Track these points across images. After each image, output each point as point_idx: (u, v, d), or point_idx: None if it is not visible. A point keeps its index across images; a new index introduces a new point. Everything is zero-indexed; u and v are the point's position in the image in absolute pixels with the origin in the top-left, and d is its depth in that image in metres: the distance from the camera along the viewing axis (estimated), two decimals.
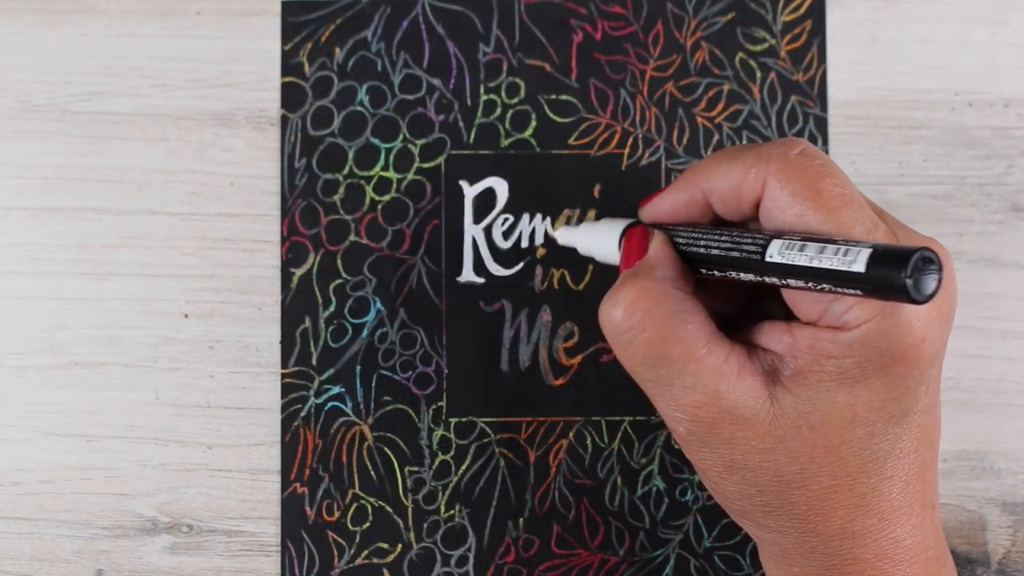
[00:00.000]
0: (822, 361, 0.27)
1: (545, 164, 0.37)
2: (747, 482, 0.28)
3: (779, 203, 0.27)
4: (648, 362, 0.28)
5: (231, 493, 0.37)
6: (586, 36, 0.38)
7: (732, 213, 0.29)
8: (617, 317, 0.28)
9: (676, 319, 0.28)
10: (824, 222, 0.26)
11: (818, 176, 0.27)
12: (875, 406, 0.27)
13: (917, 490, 0.28)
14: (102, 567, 0.37)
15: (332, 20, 0.38)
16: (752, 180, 0.27)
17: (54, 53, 0.38)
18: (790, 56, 0.38)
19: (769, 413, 0.27)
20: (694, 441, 0.28)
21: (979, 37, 0.38)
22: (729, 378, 0.27)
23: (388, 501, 0.37)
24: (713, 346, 0.28)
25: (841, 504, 0.28)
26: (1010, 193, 0.38)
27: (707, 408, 0.27)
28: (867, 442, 0.27)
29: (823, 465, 0.27)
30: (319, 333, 0.37)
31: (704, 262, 0.29)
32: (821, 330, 0.27)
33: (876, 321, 0.26)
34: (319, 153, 0.37)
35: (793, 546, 0.29)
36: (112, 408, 0.37)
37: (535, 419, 0.37)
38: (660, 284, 0.28)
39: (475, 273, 0.37)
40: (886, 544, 0.28)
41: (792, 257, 0.26)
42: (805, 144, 0.27)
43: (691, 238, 0.29)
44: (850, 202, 0.26)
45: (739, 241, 0.27)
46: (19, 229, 0.38)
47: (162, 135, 0.38)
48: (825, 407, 0.27)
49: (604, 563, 0.37)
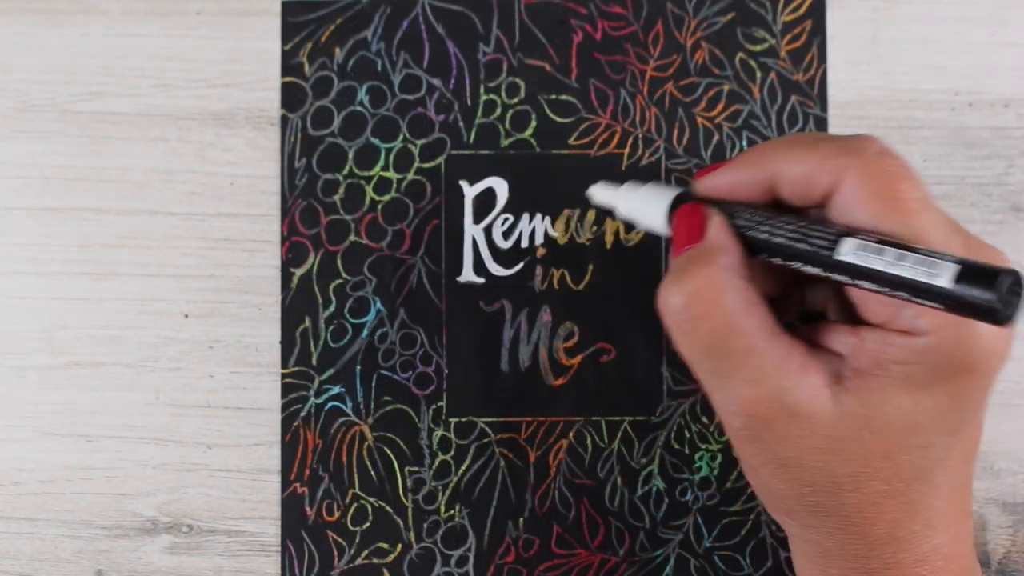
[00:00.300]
0: (888, 365, 0.26)
1: (545, 164, 0.37)
2: (799, 481, 0.28)
3: (856, 199, 0.26)
4: (708, 353, 0.27)
5: (231, 493, 0.37)
6: (586, 36, 0.38)
7: (798, 200, 0.28)
8: (679, 304, 0.27)
9: (740, 310, 0.27)
10: (900, 225, 0.25)
11: (899, 177, 0.26)
12: (936, 415, 0.26)
13: (960, 498, 0.28)
14: (102, 567, 0.37)
15: (332, 20, 0.38)
16: (828, 171, 0.27)
17: (54, 53, 0.38)
18: (790, 56, 0.38)
19: (829, 414, 0.27)
20: (747, 436, 0.28)
21: (979, 37, 0.38)
22: (791, 374, 0.27)
23: (388, 501, 0.37)
24: (775, 340, 0.27)
25: (890, 510, 0.27)
26: (1010, 193, 0.38)
27: (766, 404, 0.27)
28: (925, 450, 0.27)
29: (879, 470, 0.27)
30: (319, 333, 0.37)
31: (764, 248, 0.28)
32: (890, 334, 0.26)
33: (950, 329, 0.25)
34: (319, 153, 0.37)
35: (835, 548, 0.28)
36: (112, 408, 0.37)
37: (535, 419, 0.37)
38: (724, 272, 0.27)
39: (475, 273, 0.37)
40: (928, 550, 0.28)
41: (867, 259, 0.25)
42: (884, 143, 0.27)
43: (753, 221, 0.28)
44: (928, 208, 0.26)
45: (808, 232, 0.26)
46: (19, 229, 0.38)
47: (162, 135, 0.38)
48: (888, 412, 0.26)
49: (604, 563, 0.37)
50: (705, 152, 0.37)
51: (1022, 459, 0.37)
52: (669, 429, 0.37)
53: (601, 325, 0.37)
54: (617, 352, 0.37)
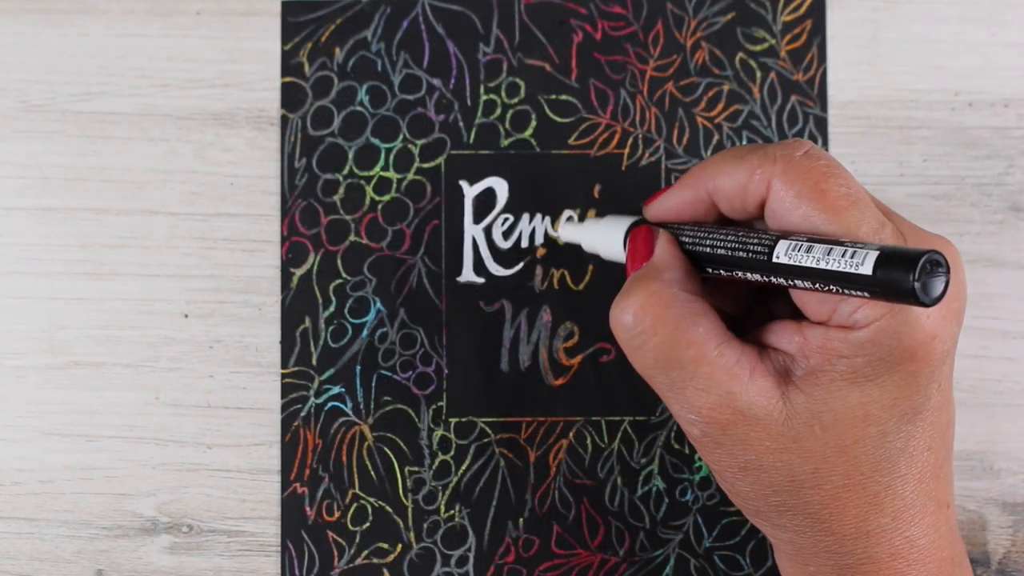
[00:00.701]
0: (833, 360, 0.27)
1: (545, 164, 0.37)
2: (761, 482, 0.28)
3: (784, 204, 0.27)
4: (660, 366, 0.28)
5: (231, 493, 0.37)
6: (586, 36, 0.38)
7: (737, 213, 0.29)
8: (627, 322, 0.28)
9: (686, 322, 0.28)
10: (830, 222, 0.26)
11: (823, 176, 0.27)
12: (887, 404, 0.27)
13: (931, 488, 0.28)
14: (102, 567, 0.37)
15: (332, 20, 0.38)
16: (757, 181, 0.28)
17: (54, 53, 0.38)
18: (790, 56, 0.38)
19: (782, 413, 0.27)
20: (708, 443, 0.28)
21: (979, 37, 0.38)
22: (741, 379, 0.27)
23: (388, 501, 0.37)
24: (724, 348, 0.28)
25: (855, 503, 0.28)
26: (1010, 193, 0.38)
27: (720, 409, 0.27)
28: (880, 440, 0.27)
29: (836, 464, 0.27)
30: (319, 333, 0.37)
31: (710, 262, 0.29)
32: (831, 330, 0.27)
33: (886, 319, 0.26)
34: (319, 153, 0.37)
35: (808, 545, 0.29)
36: (112, 408, 0.37)
37: (535, 419, 0.37)
38: (668, 287, 0.28)
39: (475, 273, 0.37)
40: (900, 543, 0.28)
41: (799, 258, 0.26)
42: (810, 145, 0.27)
43: (696, 237, 0.29)
44: (856, 202, 0.26)
45: (745, 241, 0.27)
46: (19, 229, 0.38)
47: (162, 135, 0.38)
48: (837, 406, 0.27)
49: (604, 563, 0.37)
50: (705, 152, 0.37)
51: (1022, 459, 0.37)
52: (669, 429, 0.37)
53: (601, 325, 0.37)
54: (617, 352, 0.37)
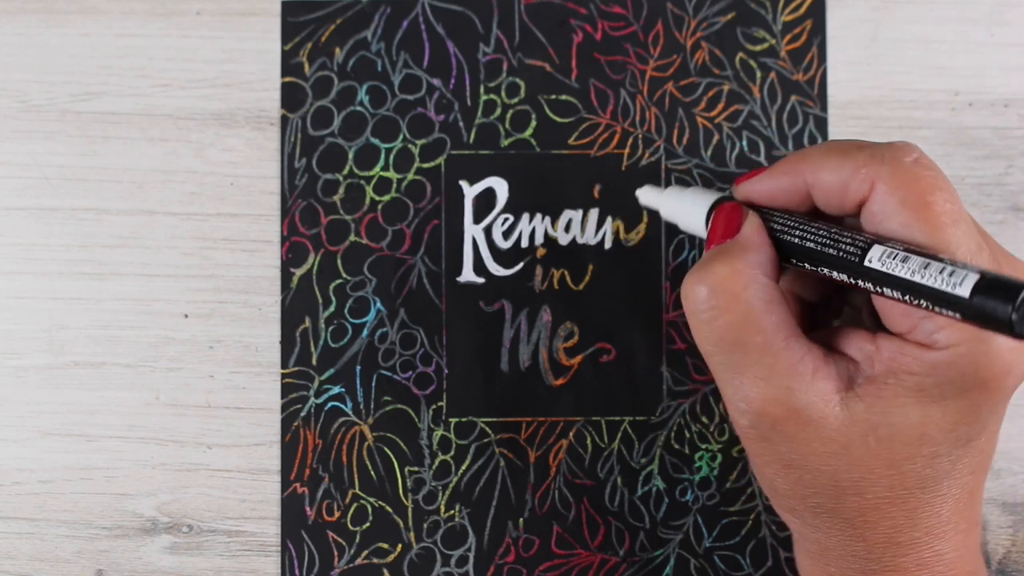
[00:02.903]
0: (902, 375, 0.26)
1: (545, 164, 0.37)
2: (803, 483, 0.28)
3: (886, 208, 0.26)
4: (724, 345, 0.28)
5: (231, 493, 0.37)
6: (586, 36, 0.38)
7: (833, 208, 0.28)
8: (702, 294, 0.28)
9: (761, 307, 0.27)
10: (929, 236, 0.25)
11: (930, 188, 0.26)
12: (946, 428, 0.27)
13: (966, 508, 0.28)
14: (102, 567, 0.37)
15: (332, 20, 0.38)
16: (861, 179, 0.27)
17: (54, 53, 0.38)
18: (790, 56, 0.38)
19: (838, 419, 0.27)
20: (754, 435, 0.28)
21: (979, 37, 0.38)
22: (803, 377, 0.27)
23: (388, 501, 0.37)
24: (792, 342, 0.27)
25: (891, 515, 0.27)
26: (1010, 193, 0.38)
27: (775, 404, 0.27)
28: (930, 461, 0.27)
29: (882, 476, 0.27)
30: (319, 333, 0.37)
31: (796, 253, 0.28)
32: (907, 344, 0.26)
33: (967, 346, 0.25)
34: (319, 153, 0.37)
35: (835, 547, 0.28)
36: (112, 408, 0.37)
37: (535, 419, 0.37)
38: (750, 268, 0.28)
39: (475, 273, 0.37)
40: (928, 556, 0.28)
41: (893, 267, 0.25)
42: (919, 151, 0.27)
43: (787, 225, 0.28)
44: (958, 220, 0.26)
45: (838, 238, 0.27)
46: (19, 229, 0.38)
47: (162, 135, 0.38)
48: (896, 421, 0.26)
49: (604, 563, 0.37)
50: (705, 152, 0.37)
51: (1022, 459, 0.37)
52: (669, 429, 0.37)
53: (601, 325, 0.37)
54: (617, 352, 0.37)
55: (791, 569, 0.37)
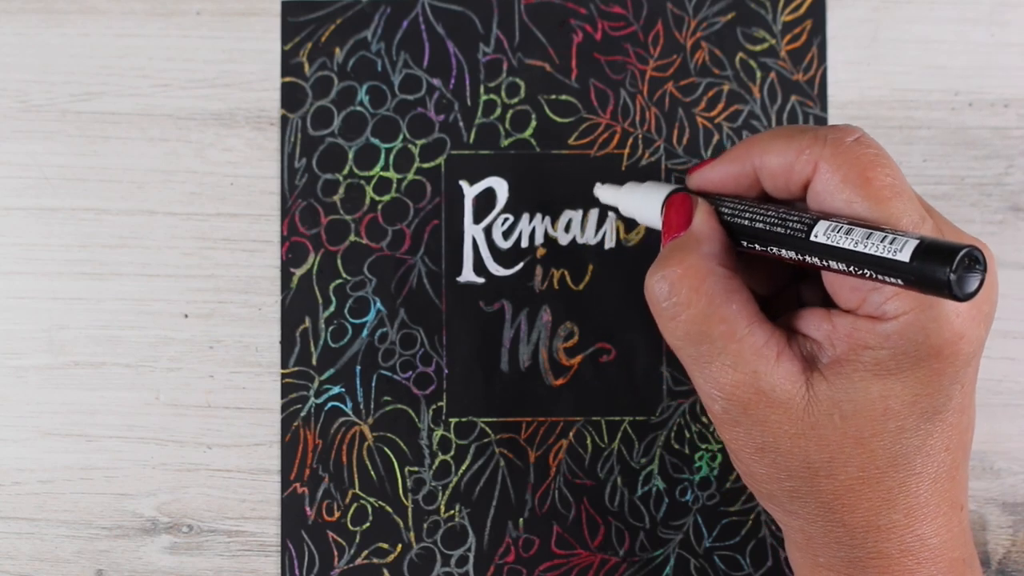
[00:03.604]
0: (859, 351, 0.27)
1: (545, 164, 0.37)
2: (776, 466, 0.28)
3: (829, 187, 0.27)
4: (690, 338, 0.28)
5: (231, 493, 0.37)
6: (586, 36, 0.38)
7: (780, 191, 0.29)
8: (663, 291, 0.29)
9: (721, 297, 0.28)
10: (872, 210, 0.26)
11: (870, 164, 0.27)
12: (907, 400, 0.27)
13: (945, 488, 0.28)
14: (102, 567, 0.37)
15: (332, 20, 0.38)
16: (804, 161, 0.28)
17: (54, 53, 0.38)
18: (790, 56, 0.38)
19: (803, 399, 0.27)
20: (728, 420, 0.29)
21: (979, 37, 0.38)
22: (768, 360, 0.27)
23: (388, 501, 0.37)
24: (755, 327, 0.28)
25: (868, 497, 0.28)
26: (1010, 193, 0.38)
27: (744, 388, 0.28)
28: (897, 436, 0.27)
29: (852, 455, 0.27)
30: (319, 333, 0.37)
31: (747, 235, 0.29)
32: (860, 319, 0.27)
33: (915, 314, 0.26)
34: (319, 153, 0.37)
35: (818, 535, 0.29)
36: (112, 408, 0.37)
37: (535, 419, 0.37)
38: (707, 261, 0.28)
39: (475, 273, 0.37)
40: (911, 540, 0.28)
41: (837, 239, 0.26)
42: (861, 132, 0.27)
43: (736, 209, 0.29)
44: (900, 193, 0.26)
45: (785, 217, 0.28)
46: (19, 229, 0.38)
47: (162, 135, 0.38)
48: (858, 397, 0.27)
49: (604, 563, 0.37)
50: (705, 152, 0.37)
51: (1022, 459, 0.37)
52: (669, 429, 0.37)
53: (601, 325, 0.37)
54: (617, 352, 0.37)
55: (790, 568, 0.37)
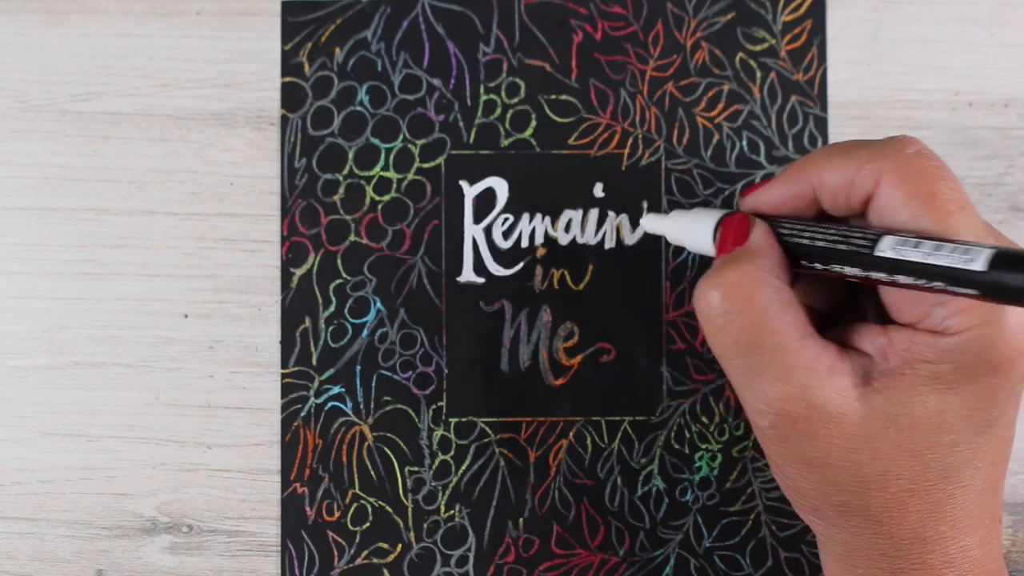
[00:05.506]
0: (916, 364, 0.27)
1: (545, 164, 0.37)
2: (826, 481, 0.28)
3: (893, 201, 0.27)
4: (740, 349, 0.28)
5: (231, 493, 0.37)
6: (586, 36, 0.38)
7: (840, 209, 0.28)
8: (715, 299, 0.28)
9: (774, 309, 0.27)
10: (937, 223, 0.26)
11: (934, 178, 0.26)
12: (964, 414, 0.27)
13: (988, 500, 0.28)
14: (102, 567, 0.37)
15: (332, 20, 0.38)
16: (865, 176, 0.27)
17: (54, 53, 0.38)
18: (790, 56, 0.38)
19: (857, 413, 0.27)
20: (775, 436, 0.28)
21: (979, 37, 0.38)
22: (820, 375, 0.27)
23: (388, 501, 0.37)
24: (807, 341, 0.27)
25: (916, 509, 0.27)
26: (1010, 193, 0.38)
27: (794, 403, 0.27)
28: (951, 449, 0.27)
29: (905, 468, 0.27)
30: (319, 333, 0.37)
31: (807, 254, 0.28)
32: (919, 333, 0.27)
33: (979, 329, 0.26)
34: (319, 153, 0.37)
35: (862, 547, 0.28)
36: (112, 408, 0.37)
37: (535, 419, 0.37)
38: (761, 271, 0.28)
39: (475, 273, 0.37)
40: (954, 552, 0.28)
41: (905, 253, 0.25)
42: (921, 144, 0.27)
43: (795, 229, 0.29)
44: (964, 207, 0.26)
45: (847, 234, 0.27)
46: (19, 229, 0.38)
47: (162, 135, 0.38)
48: (914, 411, 0.27)
49: (604, 563, 0.37)
50: (705, 152, 0.37)
51: (1022, 459, 0.37)
52: (669, 429, 0.37)
53: (601, 325, 0.37)
54: (617, 352, 0.37)
55: (791, 569, 0.37)
